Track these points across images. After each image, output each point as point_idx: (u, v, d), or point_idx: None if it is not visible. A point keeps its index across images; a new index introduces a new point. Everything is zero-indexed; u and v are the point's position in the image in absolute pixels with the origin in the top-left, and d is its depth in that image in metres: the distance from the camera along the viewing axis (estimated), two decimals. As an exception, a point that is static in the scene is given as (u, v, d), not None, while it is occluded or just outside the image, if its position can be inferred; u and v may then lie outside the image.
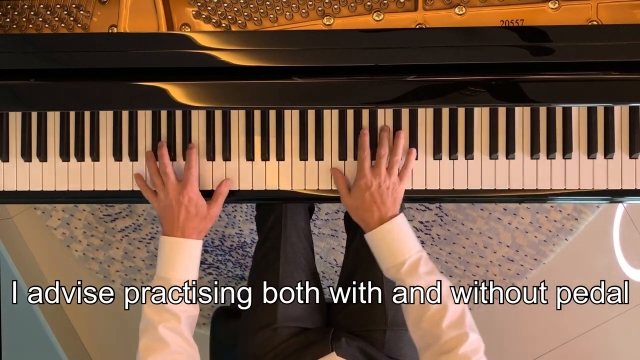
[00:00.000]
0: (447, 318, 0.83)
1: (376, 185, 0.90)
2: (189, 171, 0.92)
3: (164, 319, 0.86)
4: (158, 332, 0.84)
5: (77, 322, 1.86)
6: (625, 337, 1.79)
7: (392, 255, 0.89)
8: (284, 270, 1.04)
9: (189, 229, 0.91)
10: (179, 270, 0.90)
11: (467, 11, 0.94)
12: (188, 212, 0.90)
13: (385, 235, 0.90)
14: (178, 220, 0.90)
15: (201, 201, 0.92)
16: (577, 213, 1.76)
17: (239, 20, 0.95)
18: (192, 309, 0.90)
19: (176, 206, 0.90)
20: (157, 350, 0.83)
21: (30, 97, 0.90)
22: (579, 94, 0.87)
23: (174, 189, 0.91)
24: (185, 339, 0.86)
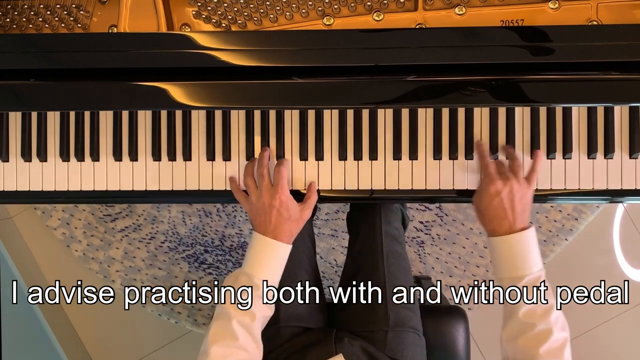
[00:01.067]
0: (547, 343, 0.82)
1: (507, 191, 0.88)
2: (280, 174, 0.93)
3: (240, 313, 0.86)
4: (231, 324, 0.85)
5: (77, 322, 1.86)
6: (625, 337, 1.79)
7: (513, 267, 0.87)
8: (286, 269, 1.04)
9: (281, 231, 0.91)
10: (265, 270, 0.90)
11: (467, 11, 0.94)
12: (280, 215, 0.91)
13: (511, 246, 0.88)
14: (270, 222, 0.91)
15: (293, 204, 0.93)
16: (577, 213, 1.76)
17: (239, 20, 0.95)
18: (268, 310, 0.90)
19: (269, 209, 0.91)
20: (225, 339, 0.84)
21: (30, 97, 0.90)
22: (579, 94, 0.87)
23: (267, 191, 0.92)
24: (254, 337, 0.87)
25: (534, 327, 0.83)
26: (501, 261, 0.89)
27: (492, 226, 0.90)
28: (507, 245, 0.88)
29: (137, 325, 1.83)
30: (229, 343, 0.84)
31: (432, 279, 1.75)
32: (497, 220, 0.89)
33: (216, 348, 0.83)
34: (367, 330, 1.03)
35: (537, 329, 0.83)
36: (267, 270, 0.90)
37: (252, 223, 0.94)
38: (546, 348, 0.82)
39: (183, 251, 1.80)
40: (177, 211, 1.80)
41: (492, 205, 0.89)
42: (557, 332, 0.83)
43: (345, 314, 1.08)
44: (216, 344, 0.84)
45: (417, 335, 1.05)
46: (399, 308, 1.04)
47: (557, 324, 0.84)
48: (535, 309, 0.85)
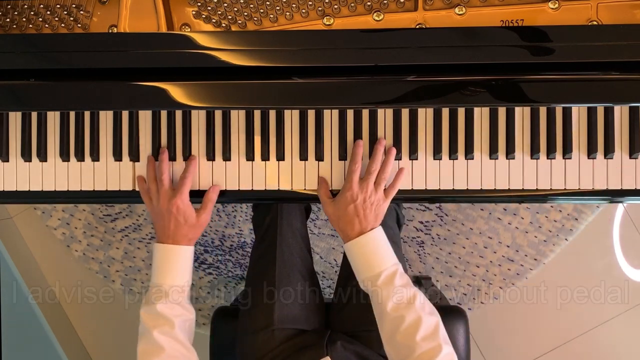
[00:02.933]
0: (421, 330, 0.85)
1: (361, 199, 0.92)
2: (183, 181, 0.94)
3: (158, 324, 0.88)
4: (153, 337, 0.87)
5: (77, 322, 1.86)
6: (625, 337, 1.79)
7: (369, 266, 0.91)
8: (280, 271, 1.04)
9: (179, 236, 0.93)
10: (170, 276, 0.92)
11: (467, 11, 0.94)
12: (177, 221, 0.93)
13: (363, 246, 0.92)
14: (169, 228, 0.93)
15: (190, 210, 0.94)
16: (577, 213, 1.76)
17: (239, 20, 0.95)
18: (186, 313, 0.92)
19: (166, 214, 0.93)
20: (153, 354, 0.86)
21: (30, 97, 0.90)
22: (579, 94, 0.87)
23: (164, 196, 0.94)
24: (180, 342, 0.88)
25: (403, 319, 0.86)
26: (358, 264, 0.93)
27: (345, 231, 0.93)
28: (359, 246, 0.92)
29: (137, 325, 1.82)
30: (158, 356, 0.86)
31: (432, 279, 1.75)
32: (350, 225, 0.92)
33: None
34: (364, 330, 1.03)
35: (407, 320, 0.86)
36: (173, 276, 0.92)
37: (154, 228, 0.96)
38: (422, 335, 0.84)
39: (183, 251, 1.80)
40: (177, 211, 1.79)
41: (347, 211, 0.92)
42: (427, 317, 0.86)
43: (342, 315, 1.08)
44: None
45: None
46: None
47: (425, 310, 0.87)
48: (400, 301, 0.87)
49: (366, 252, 0.92)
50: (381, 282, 0.89)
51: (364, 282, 0.93)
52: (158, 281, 0.92)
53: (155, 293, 0.91)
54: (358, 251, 0.92)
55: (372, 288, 0.91)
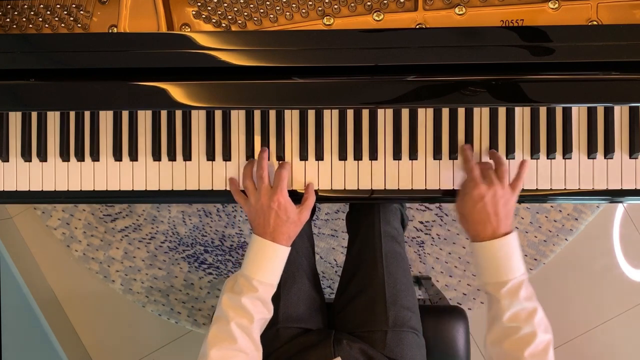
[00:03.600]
0: (532, 346, 0.82)
1: (490, 195, 0.88)
2: (280, 177, 0.93)
3: (238, 316, 0.87)
4: (230, 327, 0.85)
5: (77, 322, 1.86)
6: (625, 337, 1.79)
7: (497, 272, 0.87)
8: (285, 270, 1.03)
9: (279, 234, 0.91)
10: (262, 272, 0.90)
11: (467, 11, 0.94)
12: (278, 217, 0.91)
13: (495, 251, 0.88)
14: (269, 224, 0.91)
15: (291, 207, 0.93)
16: (577, 213, 1.76)
17: (239, 20, 0.95)
18: (266, 313, 0.91)
19: (267, 211, 0.91)
20: (224, 342, 0.85)
21: (30, 97, 0.90)
22: (579, 94, 0.87)
23: (265, 193, 0.92)
24: (253, 339, 0.87)
25: (518, 330, 0.84)
26: (485, 266, 0.89)
27: (475, 231, 0.90)
28: (491, 250, 0.88)
29: (137, 325, 1.83)
30: (228, 346, 0.84)
31: (432, 279, 1.75)
32: (481, 225, 0.89)
33: (215, 351, 0.83)
34: (366, 330, 1.03)
35: (522, 332, 0.83)
36: (266, 273, 0.90)
37: (251, 225, 0.94)
38: (531, 351, 0.82)
39: (183, 251, 1.80)
40: (177, 211, 1.80)
41: (476, 210, 0.89)
42: (541, 335, 0.83)
43: (345, 315, 1.08)
44: (215, 346, 0.84)
45: (416, 335, 1.05)
46: (399, 308, 1.04)
47: (541, 326, 0.84)
48: (519, 313, 0.85)
49: (497, 258, 0.88)
50: (505, 291, 0.86)
51: (486, 286, 0.89)
52: (249, 274, 0.90)
53: (243, 284, 0.89)
54: (488, 255, 0.88)
55: (495, 294, 0.87)
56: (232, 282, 0.91)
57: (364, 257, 1.10)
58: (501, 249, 0.88)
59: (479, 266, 0.91)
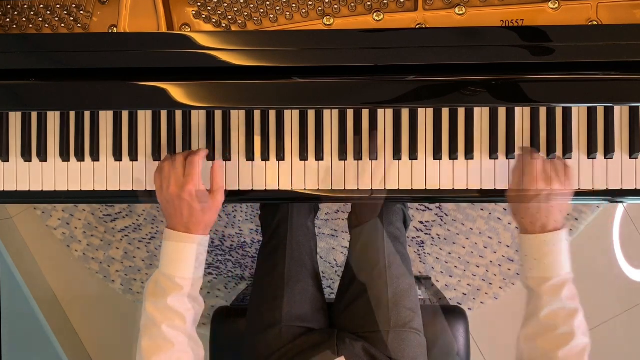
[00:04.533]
0: (567, 347, 0.81)
1: (548, 192, 0.87)
2: (192, 163, 0.88)
3: (167, 318, 0.82)
4: (162, 332, 0.81)
5: (77, 322, 1.86)
6: (626, 337, 1.79)
7: (542, 267, 0.86)
8: (289, 269, 1.03)
9: (195, 223, 0.86)
10: (183, 267, 0.85)
11: (467, 11, 0.94)
12: (191, 207, 0.86)
13: (541, 245, 0.87)
14: (182, 215, 0.86)
15: (203, 193, 0.88)
16: (577, 213, 1.76)
17: (239, 20, 0.95)
18: (197, 306, 0.87)
19: (177, 201, 0.86)
20: (161, 350, 0.80)
21: (30, 97, 0.90)
22: (579, 94, 0.87)
23: (175, 182, 0.87)
24: (190, 337, 0.83)
25: (555, 328, 0.82)
26: (530, 260, 0.88)
27: (525, 224, 0.89)
28: (537, 244, 0.87)
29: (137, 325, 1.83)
30: (166, 352, 0.80)
31: (432, 279, 1.75)
32: (532, 219, 0.88)
33: None
34: (369, 331, 1.03)
35: (559, 331, 0.82)
36: (188, 267, 0.85)
37: (164, 215, 0.89)
38: (566, 352, 0.81)
39: (183, 251, 1.80)
40: (177, 211, 1.79)
41: (531, 204, 0.88)
42: (579, 337, 0.82)
43: (347, 315, 1.08)
44: (154, 356, 0.80)
45: (418, 335, 1.05)
46: (401, 309, 1.04)
47: (580, 329, 0.83)
48: (559, 312, 0.84)
49: (543, 252, 0.86)
50: (547, 288, 0.84)
51: (528, 280, 0.88)
52: (170, 272, 0.84)
53: (165, 284, 0.84)
54: (535, 248, 0.87)
55: (536, 289, 0.86)
56: (152, 285, 0.86)
57: (367, 258, 1.10)
58: (548, 243, 0.86)
59: (524, 259, 0.89)
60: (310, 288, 1.08)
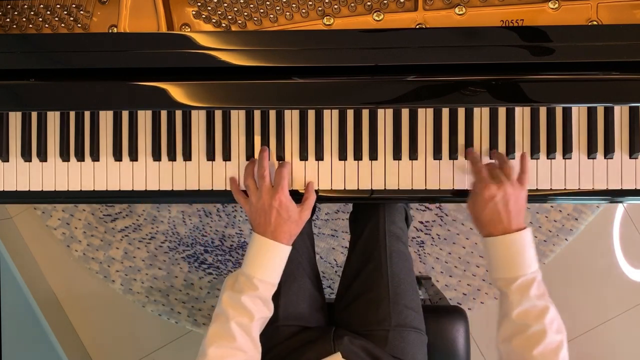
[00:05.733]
0: (541, 345, 0.81)
1: (501, 195, 0.88)
2: (280, 175, 0.93)
3: (238, 314, 0.87)
4: (229, 325, 0.85)
5: (77, 322, 1.86)
6: (626, 337, 1.79)
7: (507, 267, 0.87)
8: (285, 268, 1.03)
9: (281, 232, 0.91)
10: (263, 271, 0.90)
11: (467, 11, 0.94)
12: (280, 216, 0.91)
13: (506, 246, 0.87)
14: (270, 223, 0.91)
15: (292, 206, 0.93)
16: (577, 213, 1.76)
17: (239, 20, 0.95)
18: (266, 311, 0.91)
19: (269, 209, 0.91)
20: (222, 340, 0.85)
21: (30, 97, 0.90)
22: (579, 94, 0.87)
23: (267, 192, 0.92)
24: (252, 338, 0.87)
25: (527, 328, 0.83)
26: (496, 261, 0.89)
27: (487, 230, 0.90)
28: (502, 245, 0.88)
29: (137, 325, 1.83)
30: (227, 344, 0.84)
31: (432, 279, 1.75)
32: (493, 223, 0.89)
33: (214, 349, 0.83)
34: (369, 329, 1.03)
35: (531, 330, 0.83)
36: (267, 271, 0.90)
37: (252, 224, 0.94)
38: (540, 350, 0.81)
39: (183, 251, 1.80)
40: (177, 211, 1.80)
41: (487, 209, 0.89)
42: (552, 335, 0.82)
43: (347, 314, 1.07)
44: (214, 344, 0.84)
45: (419, 334, 1.05)
46: (402, 308, 1.04)
47: (552, 326, 0.83)
48: (530, 310, 0.84)
49: (508, 253, 0.87)
50: (515, 287, 0.85)
51: (497, 282, 0.89)
52: (250, 272, 0.89)
53: (244, 283, 0.89)
54: (499, 249, 0.88)
55: (504, 290, 0.87)
56: (232, 280, 0.91)
57: (368, 257, 1.10)
58: (513, 244, 0.87)
59: (490, 262, 0.90)
60: (308, 287, 1.08)
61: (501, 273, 0.88)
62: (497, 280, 0.89)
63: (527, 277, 0.86)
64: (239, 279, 0.90)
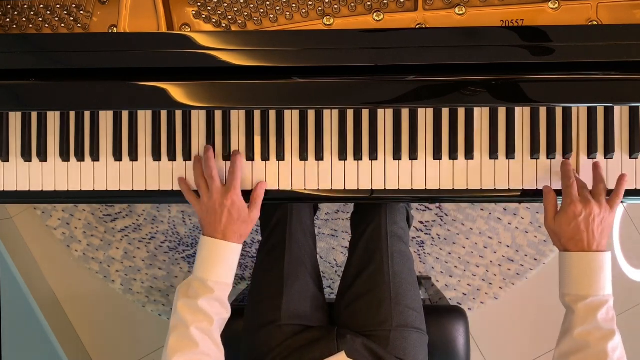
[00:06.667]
0: None
1: (586, 214, 0.87)
2: (233, 175, 0.94)
3: (197, 320, 0.86)
4: (190, 332, 0.85)
5: (77, 322, 1.86)
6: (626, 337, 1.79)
7: (579, 285, 0.86)
8: (288, 267, 1.03)
9: (231, 232, 0.91)
10: (217, 272, 0.90)
11: (467, 11, 0.94)
12: (231, 216, 0.91)
13: (581, 263, 0.86)
14: (220, 223, 0.91)
15: (243, 205, 0.93)
16: (577, 213, 1.76)
17: (239, 20, 0.95)
18: (225, 312, 0.91)
19: (219, 209, 0.91)
20: (185, 348, 0.84)
21: (30, 97, 0.90)
22: (579, 94, 0.87)
23: (218, 192, 0.92)
24: (214, 340, 0.87)
25: (587, 347, 0.82)
26: (568, 277, 0.88)
27: (566, 248, 0.89)
28: (577, 262, 0.87)
29: (137, 325, 1.83)
30: (190, 351, 0.84)
31: (432, 279, 1.75)
32: (573, 242, 0.88)
33: (178, 358, 0.83)
34: (370, 329, 1.03)
35: (591, 350, 0.82)
36: (220, 272, 0.90)
37: (201, 224, 0.94)
38: None
39: (183, 251, 1.80)
40: (177, 211, 1.80)
41: (570, 228, 0.88)
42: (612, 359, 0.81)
43: (348, 314, 1.07)
44: (177, 354, 0.83)
45: (420, 334, 1.05)
46: (403, 308, 1.04)
47: (615, 353, 0.83)
48: (593, 331, 0.83)
49: (582, 271, 0.86)
50: (583, 306, 0.84)
51: (564, 297, 0.88)
52: (203, 276, 0.89)
53: (198, 287, 0.89)
54: (574, 265, 0.87)
55: (572, 306, 0.86)
56: (185, 288, 0.90)
57: (370, 257, 1.10)
58: (589, 263, 0.86)
59: (562, 276, 0.89)
60: (310, 287, 1.08)
61: (572, 290, 0.87)
62: (566, 295, 0.88)
63: (598, 298, 0.85)
64: (192, 285, 0.90)
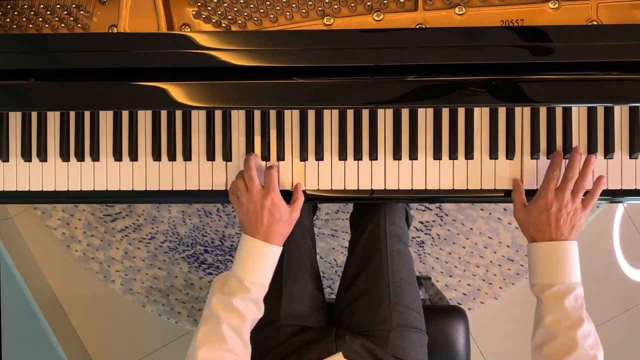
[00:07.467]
0: (572, 357, 0.81)
1: (556, 208, 0.87)
2: (270, 177, 0.93)
3: (230, 317, 0.86)
4: (220, 328, 0.85)
5: (77, 322, 1.86)
6: (626, 337, 1.79)
7: (545, 274, 0.87)
8: (287, 268, 1.03)
9: (273, 233, 0.91)
10: (255, 272, 0.89)
11: (467, 11, 0.94)
12: (272, 216, 0.91)
13: (546, 252, 0.87)
14: (262, 224, 0.91)
15: (284, 206, 0.93)
16: (577, 213, 1.76)
17: (239, 20, 0.95)
18: (258, 312, 0.91)
19: (261, 210, 0.91)
20: (213, 342, 0.84)
21: (30, 97, 0.90)
22: (579, 94, 0.87)
23: (258, 192, 0.92)
24: (243, 339, 0.87)
25: (557, 337, 0.83)
26: (534, 267, 0.89)
27: (534, 238, 0.89)
28: (543, 251, 0.87)
29: (137, 325, 1.83)
30: (218, 346, 0.84)
31: (432, 279, 1.75)
32: (540, 233, 0.88)
33: (204, 351, 0.83)
34: (370, 330, 1.03)
35: (562, 339, 0.82)
36: (258, 273, 0.90)
37: (242, 225, 0.94)
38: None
39: (183, 251, 1.80)
40: (177, 211, 1.80)
41: (540, 219, 0.88)
42: (584, 348, 0.81)
43: (348, 314, 1.07)
44: (204, 346, 0.83)
45: (420, 334, 1.05)
46: (403, 308, 1.04)
47: (586, 340, 0.83)
48: (562, 319, 0.84)
49: (548, 260, 0.87)
50: (549, 294, 0.85)
51: (533, 287, 0.89)
52: (242, 274, 0.89)
53: (235, 285, 0.88)
54: (539, 255, 0.88)
55: (539, 295, 0.87)
56: (221, 283, 0.90)
57: (369, 257, 1.10)
58: (554, 251, 0.86)
59: (530, 267, 0.90)
60: (309, 287, 1.08)
61: (538, 279, 0.87)
62: (534, 285, 0.88)
63: (564, 285, 0.85)
64: (229, 281, 0.89)
